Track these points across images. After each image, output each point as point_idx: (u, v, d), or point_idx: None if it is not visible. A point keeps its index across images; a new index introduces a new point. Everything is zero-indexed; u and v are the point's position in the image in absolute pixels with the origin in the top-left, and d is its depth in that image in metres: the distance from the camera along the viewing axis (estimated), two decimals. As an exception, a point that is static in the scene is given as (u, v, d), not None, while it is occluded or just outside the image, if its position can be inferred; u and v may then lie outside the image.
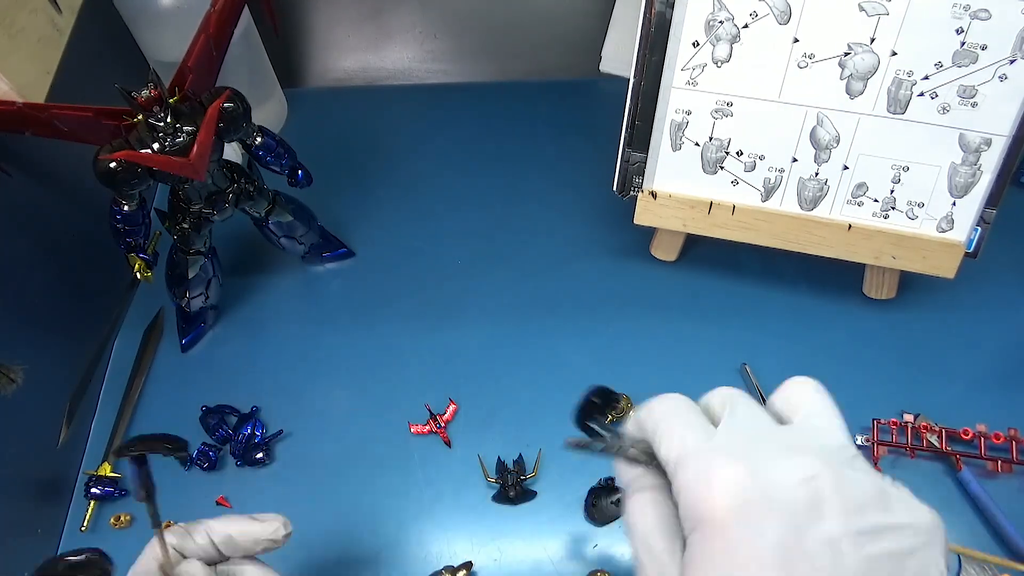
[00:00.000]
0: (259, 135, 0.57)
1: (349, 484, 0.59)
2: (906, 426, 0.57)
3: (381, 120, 0.81)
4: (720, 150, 0.59)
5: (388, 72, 0.88)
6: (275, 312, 0.68)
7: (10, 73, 0.54)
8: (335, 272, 0.70)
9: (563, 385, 0.62)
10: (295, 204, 0.64)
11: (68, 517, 0.58)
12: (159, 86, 0.49)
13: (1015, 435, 0.56)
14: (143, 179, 0.50)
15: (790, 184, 0.59)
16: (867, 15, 0.52)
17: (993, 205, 0.56)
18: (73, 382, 0.61)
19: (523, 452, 0.59)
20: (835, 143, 0.57)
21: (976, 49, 0.51)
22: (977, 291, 0.65)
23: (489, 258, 0.70)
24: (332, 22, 0.86)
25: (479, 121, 0.80)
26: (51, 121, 0.51)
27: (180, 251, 0.60)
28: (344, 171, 0.76)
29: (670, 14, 0.54)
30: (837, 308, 0.65)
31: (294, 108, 0.81)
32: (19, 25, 0.56)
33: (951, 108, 0.53)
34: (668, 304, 0.66)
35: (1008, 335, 0.63)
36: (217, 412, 0.61)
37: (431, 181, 0.75)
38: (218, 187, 0.57)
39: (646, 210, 0.62)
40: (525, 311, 0.66)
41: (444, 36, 0.87)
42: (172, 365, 0.65)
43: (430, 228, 0.72)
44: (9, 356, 0.52)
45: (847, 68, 0.54)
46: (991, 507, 0.54)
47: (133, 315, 0.68)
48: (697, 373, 0.62)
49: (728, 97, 0.56)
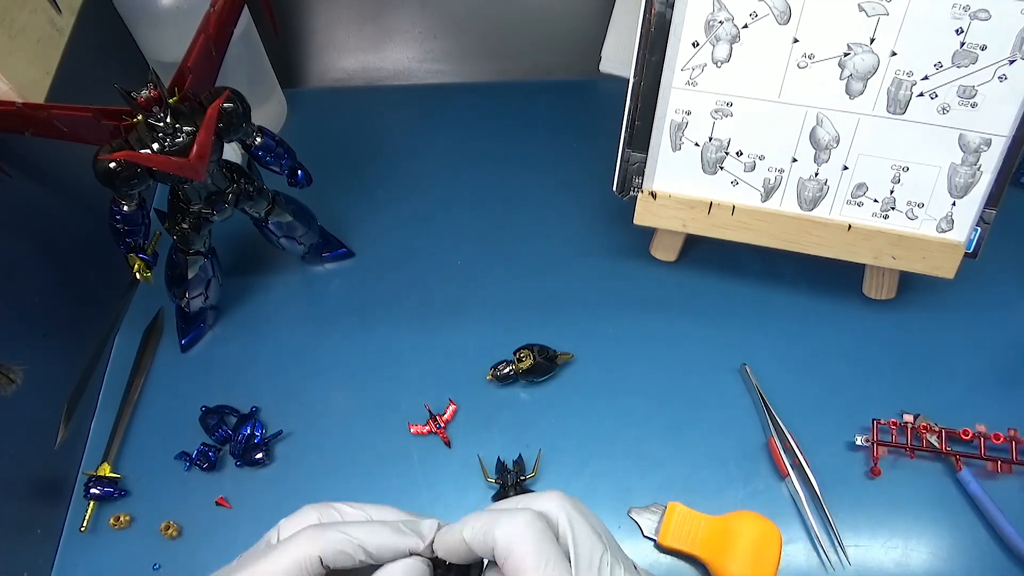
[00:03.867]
0: (259, 135, 0.57)
1: (349, 484, 0.59)
2: (906, 426, 0.57)
3: (381, 120, 0.81)
4: (720, 150, 0.59)
5: (388, 72, 0.88)
6: (275, 312, 0.68)
7: (10, 73, 0.54)
8: (335, 272, 0.70)
9: (563, 385, 0.62)
10: (295, 204, 0.64)
11: (68, 517, 0.59)
12: (159, 86, 0.49)
13: (1015, 435, 0.56)
14: (143, 179, 0.50)
15: (790, 184, 0.59)
16: (867, 15, 0.52)
17: (993, 205, 0.56)
18: (72, 382, 0.61)
19: (523, 452, 0.59)
20: (835, 143, 0.57)
21: (976, 49, 0.51)
22: (977, 291, 0.65)
23: (489, 258, 0.70)
24: (332, 22, 0.86)
25: (479, 121, 0.80)
26: (51, 121, 0.51)
27: (180, 251, 0.60)
28: (344, 171, 0.76)
29: (670, 14, 0.54)
30: (837, 308, 0.65)
31: (294, 108, 0.81)
32: (19, 25, 0.56)
33: (951, 108, 0.53)
34: (668, 304, 0.66)
35: (1008, 335, 0.63)
36: (217, 412, 0.61)
37: (431, 181, 0.75)
38: (218, 187, 0.56)
39: (646, 210, 0.62)
40: (525, 311, 0.66)
41: (444, 36, 0.87)
42: (172, 365, 0.65)
43: (430, 228, 0.72)
44: (9, 356, 0.51)
45: (847, 68, 0.54)
46: (991, 507, 0.54)
47: (133, 315, 0.68)
48: (697, 373, 0.62)
49: (728, 97, 0.56)
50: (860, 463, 0.58)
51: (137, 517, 0.58)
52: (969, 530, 0.55)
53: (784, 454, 0.57)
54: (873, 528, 0.55)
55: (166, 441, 0.61)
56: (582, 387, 0.62)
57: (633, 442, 0.59)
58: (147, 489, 0.59)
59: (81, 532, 0.57)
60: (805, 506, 0.55)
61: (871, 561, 0.54)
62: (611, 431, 0.60)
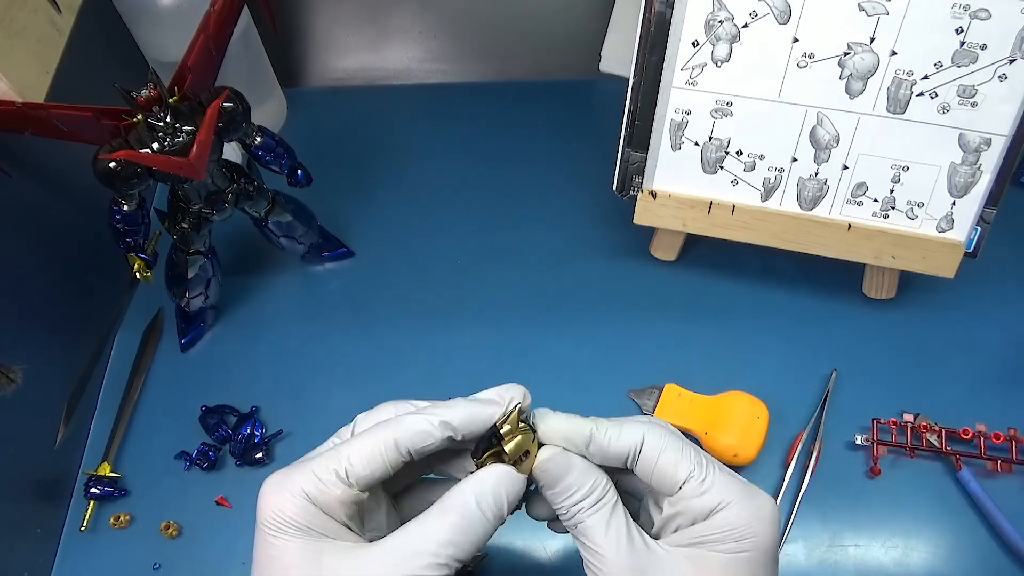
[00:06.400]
0: (258, 135, 0.57)
1: (349, 484, 0.59)
2: (906, 426, 0.57)
3: (381, 120, 0.81)
4: (720, 150, 0.59)
5: (388, 72, 0.88)
6: (275, 312, 0.68)
7: (10, 73, 0.54)
8: (335, 272, 0.70)
9: (563, 385, 0.62)
10: (295, 204, 0.64)
11: (68, 517, 0.59)
12: (159, 86, 0.49)
13: (1015, 435, 0.56)
14: (143, 179, 0.50)
15: (790, 184, 0.59)
16: (867, 15, 0.52)
17: (993, 205, 0.56)
18: (72, 382, 0.61)
19: (523, 452, 0.59)
20: (835, 143, 0.57)
21: (976, 49, 0.51)
22: (977, 291, 0.65)
23: (488, 258, 0.70)
24: (332, 22, 0.86)
25: (479, 121, 0.80)
26: (51, 121, 0.51)
27: (180, 251, 0.60)
28: (344, 171, 0.76)
29: (670, 14, 0.54)
30: (837, 308, 0.65)
31: (294, 108, 0.81)
32: (19, 25, 0.56)
33: (951, 108, 0.53)
34: (668, 304, 0.66)
35: (1008, 335, 0.63)
36: (217, 412, 0.61)
37: (431, 181, 0.75)
38: (218, 187, 0.56)
39: (646, 210, 0.62)
40: (524, 311, 0.66)
41: (444, 36, 0.87)
42: (172, 365, 0.65)
43: (430, 228, 0.72)
44: (9, 356, 0.52)
45: (847, 68, 0.54)
46: (991, 507, 0.54)
47: (133, 315, 0.68)
48: (697, 373, 0.62)
49: (728, 97, 0.56)
50: (860, 462, 0.58)
51: (137, 517, 0.58)
52: (969, 530, 0.55)
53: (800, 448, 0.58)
54: (873, 528, 0.55)
55: (166, 441, 0.61)
56: (581, 386, 0.62)
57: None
58: (147, 489, 0.59)
59: (81, 532, 0.57)
60: (781, 493, 0.56)
61: (871, 561, 0.54)
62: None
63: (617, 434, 0.35)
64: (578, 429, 0.36)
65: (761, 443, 0.56)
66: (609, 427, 0.36)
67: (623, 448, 0.35)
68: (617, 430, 0.35)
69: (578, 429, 0.36)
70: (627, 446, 0.35)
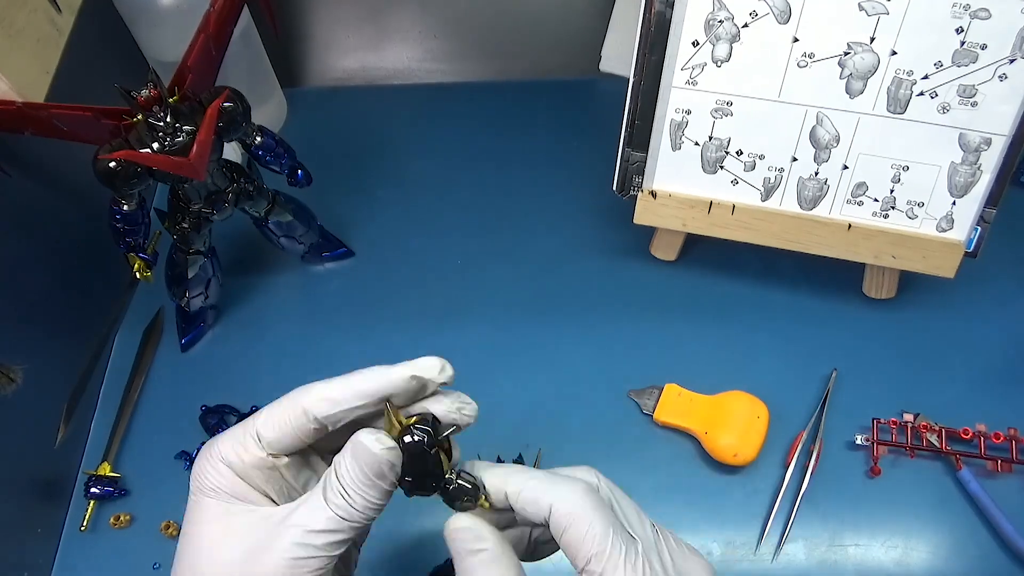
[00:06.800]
0: (259, 135, 0.57)
1: (349, 484, 0.59)
2: (906, 426, 0.57)
3: (381, 120, 0.81)
4: (720, 150, 0.59)
5: (388, 72, 0.88)
6: (275, 312, 0.68)
7: (10, 73, 0.54)
8: (335, 272, 0.70)
9: (563, 385, 0.62)
10: (295, 204, 0.64)
11: (68, 517, 0.59)
12: (159, 86, 0.49)
13: (1015, 435, 0.56)
14: (143, 179, 0.50)
15: (790, 184, 0.59)
16: (867, 15, 0.52)
17: (993, 205, 0.56)
18: (72, 382, 0.61)
19: (523, 452, 0.59)
20: (835, 143, 0.57)
21: (976, 49, 0.51)
22: (977, 291, 0.65)
23: (488, 258, 0.70)
24: (332, 22, 0.86)
25: (479, 121, 0.80)
26: (51, 121, 0.51)
27: (180, 251, 0.60)
28: (344, 171, 0.76)
29: (670, 13, 0.54)
30: (837, 308, 0.65)
31: (294, 108, 0.81)
32: (19, 25, 0.56)
33: (951, 108, 0.53)
34: (668, 304, 0.66)
35: (1008, 335, 0.63)
36: (217, 412, 0.61)
37: (431, 181, 0.75)
38: (218, 187, 0.56)
39: (646, 210, 0.62)
40: (524, 311, 0.66)
41: (444, 36, 0.87)
42: (172, 365, 0.65)
43: (430, 228, 0.72)
44: (9, 356, 0.52)
45: (847, 67, 0.54)
46: (991, 507, 0.54)
47: (133, 315, 0.68)
48: (697, 373, 0.62)
49: (728, 96, 0.56)
50: (860, 462, 0.58)
51: (137, 516, 0.58)
52: (969, 530, 0.55)
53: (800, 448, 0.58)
54: (873, 528, 0.55)
55: (166, 441, 0.61)
56: (581, 386, 0.62)
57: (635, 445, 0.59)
58: (147, 488, 0.59)
59: (81, 531, 0.57)
60: (782, 492, 0.56)
61: (871, 561, 0.54)
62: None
63: (533, 500, 0.33)
64: (498, 487, 0.35)
65: (761, 443, 0.56)
66: (527, 490, 0.34)
67: (536, 515, 0.33)
68: (534, 495, 0.34)
69: (498, 487, 0.35)
70: (540, 514, 0.33)
